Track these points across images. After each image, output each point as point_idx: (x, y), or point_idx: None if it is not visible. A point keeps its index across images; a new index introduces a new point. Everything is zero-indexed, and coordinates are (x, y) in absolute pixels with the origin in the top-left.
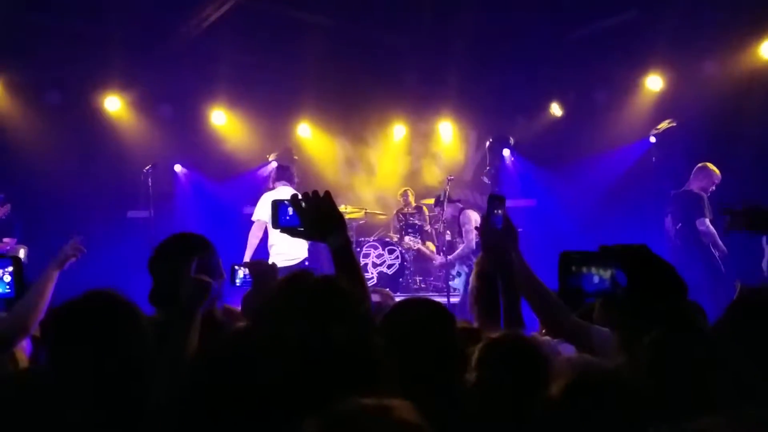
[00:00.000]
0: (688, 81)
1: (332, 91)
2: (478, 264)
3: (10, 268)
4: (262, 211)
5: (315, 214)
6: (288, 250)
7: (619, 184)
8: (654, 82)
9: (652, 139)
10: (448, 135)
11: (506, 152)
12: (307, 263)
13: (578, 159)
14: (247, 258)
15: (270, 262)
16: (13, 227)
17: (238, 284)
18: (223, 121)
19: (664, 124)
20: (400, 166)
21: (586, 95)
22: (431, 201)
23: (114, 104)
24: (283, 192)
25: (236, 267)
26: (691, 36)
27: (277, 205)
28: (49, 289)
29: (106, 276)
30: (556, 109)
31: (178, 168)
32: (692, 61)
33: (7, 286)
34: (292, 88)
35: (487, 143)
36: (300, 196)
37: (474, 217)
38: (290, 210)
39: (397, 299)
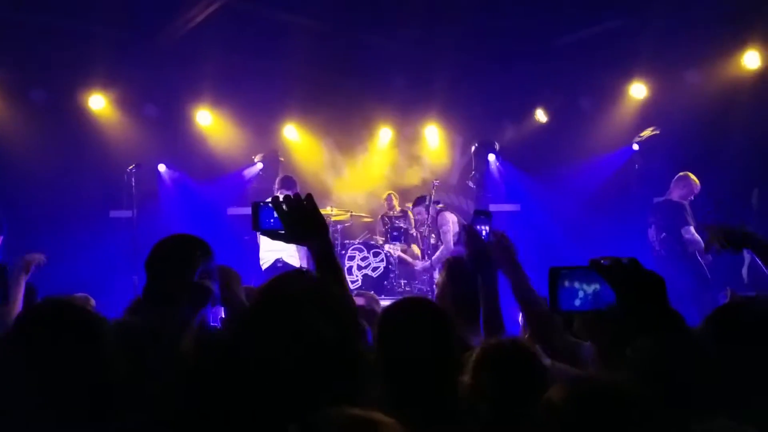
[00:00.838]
0: (671, 89)
1: (318, 93)
2: (447, 265)
3: None
4: None
5: (296, 217)
6: (263, 254)
7: (603, 190)
8: (638, 90)
9: (635, 147)
10: (434, 139)
11: (491, 157)
12: (279, 264)
13: (563, 164)
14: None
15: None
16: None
17: None
18: (209, 121)
19: (647, 132)
20: (386, 170)
21: (570, 101)
22: None
23: (98, 103)
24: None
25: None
26: (675, 45)
27: (258, 208)
28: (19, 293)
29: (89, 275)
30: (541, 115)
31: (162, 168)
32: (676, 69)
33: None
34: (278, 90)
35: (473, 148)
36: (282, 199)
37: (452, 219)
38: (272, 213)
39: (382, 302)
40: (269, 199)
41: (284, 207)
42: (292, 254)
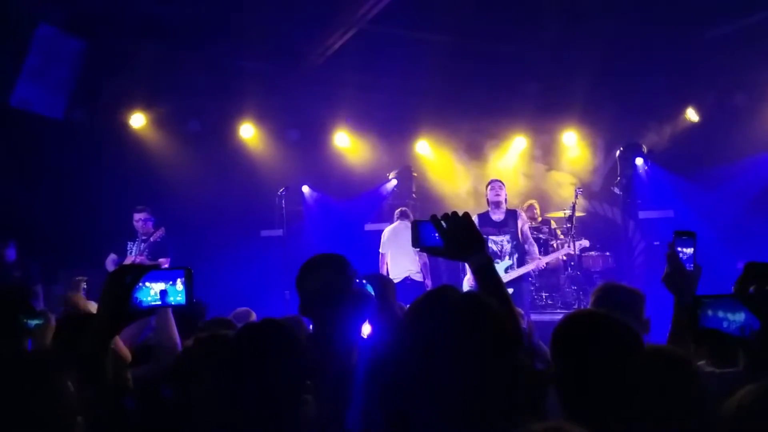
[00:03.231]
0: None
1: (449, 106)
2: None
3: (183, 279)
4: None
5: (456, 235)
6: (392, 269)
7: (764, 192)
8: None
9: None
10: (573, 145)
11: (639, 161)
12: (408, 282)
13: (718, 166)
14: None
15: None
16: (167, 249)
17: None
18: (347, 142)
19: None
20: (522, 179)
21: (724, 98)
22: (558, 214)
23: (248, 131)
24: (401, 226)
25: (363, 281)
26: None
27: (419, 226)
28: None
29: (245, 289)
30: (692, 114)
31: (305, 189)
32: None
33: (181, 295)
34: (410, 106)
35: (618, 152)
36: (439, 217)
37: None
38: (431, 230)
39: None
40: (401, 229)
41: (443, 224)
42: (417, 272)
